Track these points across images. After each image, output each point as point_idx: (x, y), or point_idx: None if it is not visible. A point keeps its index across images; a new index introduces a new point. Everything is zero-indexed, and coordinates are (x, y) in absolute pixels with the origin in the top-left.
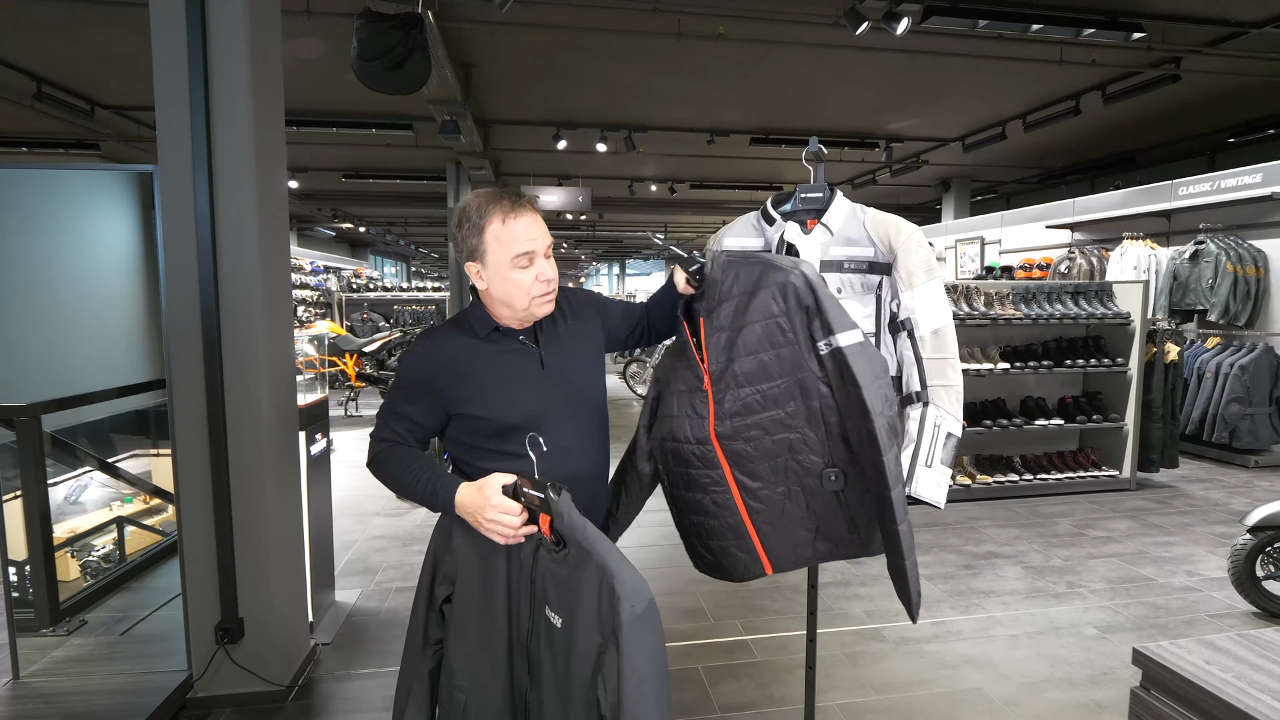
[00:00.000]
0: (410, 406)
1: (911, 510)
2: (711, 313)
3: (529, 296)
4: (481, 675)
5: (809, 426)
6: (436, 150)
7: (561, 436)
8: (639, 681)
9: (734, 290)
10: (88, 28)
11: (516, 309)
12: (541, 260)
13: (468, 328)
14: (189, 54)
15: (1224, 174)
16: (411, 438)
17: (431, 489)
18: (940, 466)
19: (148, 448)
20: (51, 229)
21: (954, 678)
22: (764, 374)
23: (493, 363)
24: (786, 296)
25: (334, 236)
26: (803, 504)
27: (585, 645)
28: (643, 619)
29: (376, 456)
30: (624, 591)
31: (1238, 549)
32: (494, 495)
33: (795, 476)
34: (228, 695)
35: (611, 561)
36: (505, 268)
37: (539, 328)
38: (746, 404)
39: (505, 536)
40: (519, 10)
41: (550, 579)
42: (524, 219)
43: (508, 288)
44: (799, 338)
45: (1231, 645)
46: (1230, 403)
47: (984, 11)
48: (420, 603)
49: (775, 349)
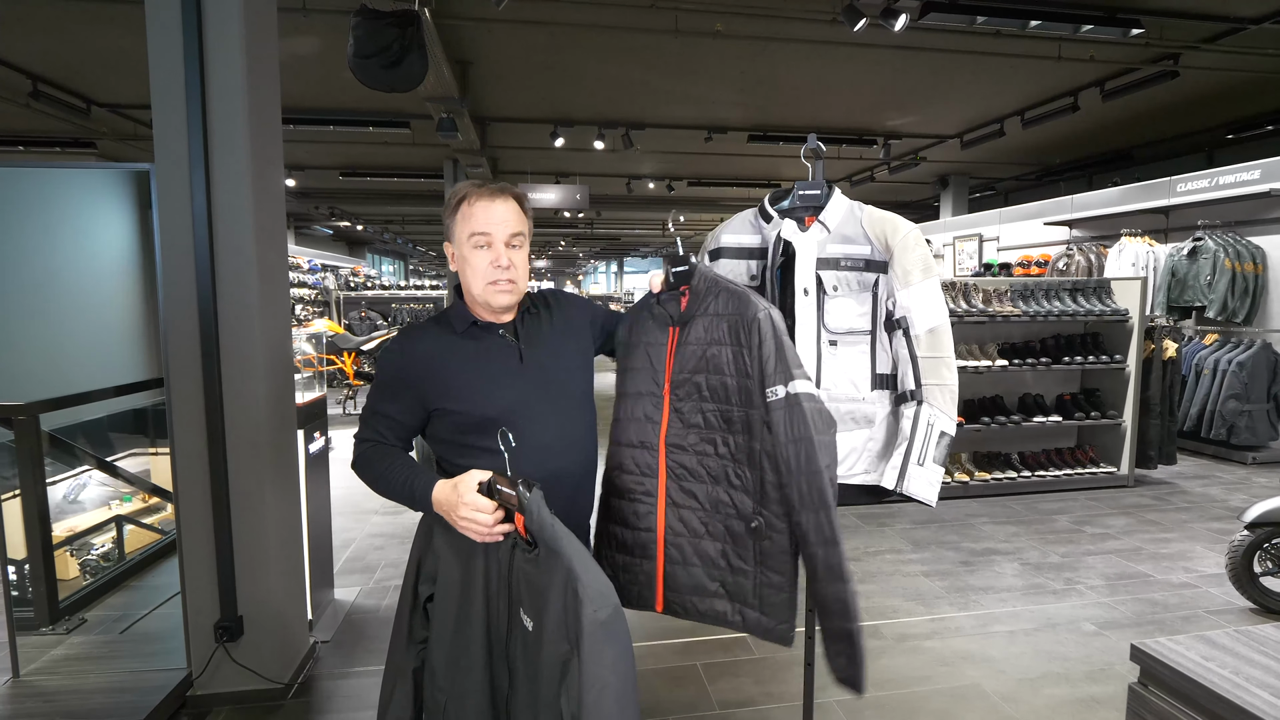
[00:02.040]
0: (389, 404)
1: (911, 507)
2: (687, 324)
3: (483, 280)
4: (461, 676)
5: (748, 465)
6: (434, 148)
7: (541, 432)
8: (600, 690)
9: (712, 309)
10: (83, 26)
11: (474, 293)
12: (501, 247)
13: (446, 324)
14: (185, 52)
15: (1222, 170)
16: (393, 436)
17: (409, 488)
18: (932, 465)
19: (146, 446)
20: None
21: (952, 674)
22: (725, 395)
23: (469, 357)
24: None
25: (331, 235)
26: (719, 547)
27: (553, 651)
28: (606, 625)
29: (359, 457)
30: (587, 595)
31: (1235, 545)
32: (467, 493)
33: (724, 513)
34: (227, 693)
35: (578, 564)
36: (464, 246)
37: (520, 322)
38: (707, 419)
39: (480, 534)
40: (516, 7)
41: (524, 580)
42: (486, 203)
43: (464, 268)
44: (754, 377)
45: (1229, 641)
46: (1228, 399)
47: (982, 8)
48: (405, 601)
49: (739, 377)
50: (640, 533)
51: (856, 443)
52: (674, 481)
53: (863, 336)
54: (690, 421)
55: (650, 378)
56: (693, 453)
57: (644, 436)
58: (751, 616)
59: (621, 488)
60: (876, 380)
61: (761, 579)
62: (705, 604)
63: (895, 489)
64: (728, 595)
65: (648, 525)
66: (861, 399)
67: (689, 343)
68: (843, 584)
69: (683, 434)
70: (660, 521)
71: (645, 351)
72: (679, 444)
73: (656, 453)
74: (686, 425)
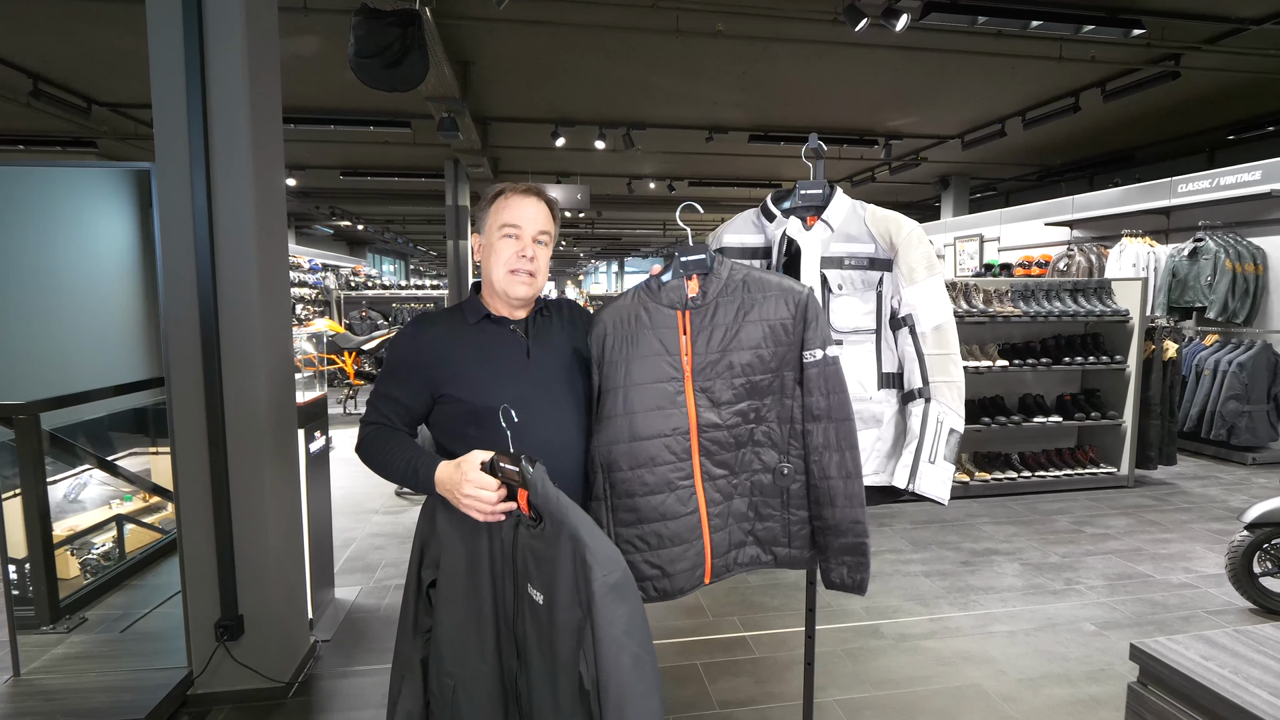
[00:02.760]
0: (396, 388)
1: (912, 507)
2: (705, 307)
3: (505, 268)
4: (469, 659)
5: (777, 421)
6: (434, 148)
7: (540, 429)
8: (616, 651)
9: (741, 290)
10: (84, 25)
11: (494, 280)
12: (529, 240)
13: (459, 314)
14: (186, 51)
15: (1223, 171)
16: (399, 420)
17: (413, 468)
18: (943, 462)
19: (146, 446)
20: (49, 227)
21: (952, 674)
22: (759, 366)
23: (478, 347)
24: (797, 305)
25: (332, 234)
26: (748, 500)
27: (566, 620)
28: (616, 588)
29: (364, 440)
30: (596, 561)
31: (1235, 545)
32: (470, 470)
33: (750, 470)
34: (228, 692)
35: (584, 532)
36: (493, 235)
37: (532, 321)
38: (737, 391)
39: (484, 513)
40: (517, 7)
41: (530, 555)
42: (521, 199)
43: (490, 255)
44: (795, 341)
45: (1228, 641)
46: (1228, 400)
47: (983, 8)
48: (410, 589)
49: (775, 346)
50: (685, 518)
51: (865, 442)
52: (706, 458)
53: (868, 335)
54: (721, 399)
55: (666, 363)
56: (724, 428)
57: (673, 423)
58: (782, 553)
59: (658, 482)
60: (883, 379)
61: (789, 517)
62: (741, 554)
63: (907, 488)
64: (757, 541)
65: (692, 508)
66: (869, 398)
67: (714, 324)
68: (860, 508)
69: (713, 411)
70: (701, 499)
71: (656, 337)
72: (711, 422)
73: (688, 436)
74: (716, 403)
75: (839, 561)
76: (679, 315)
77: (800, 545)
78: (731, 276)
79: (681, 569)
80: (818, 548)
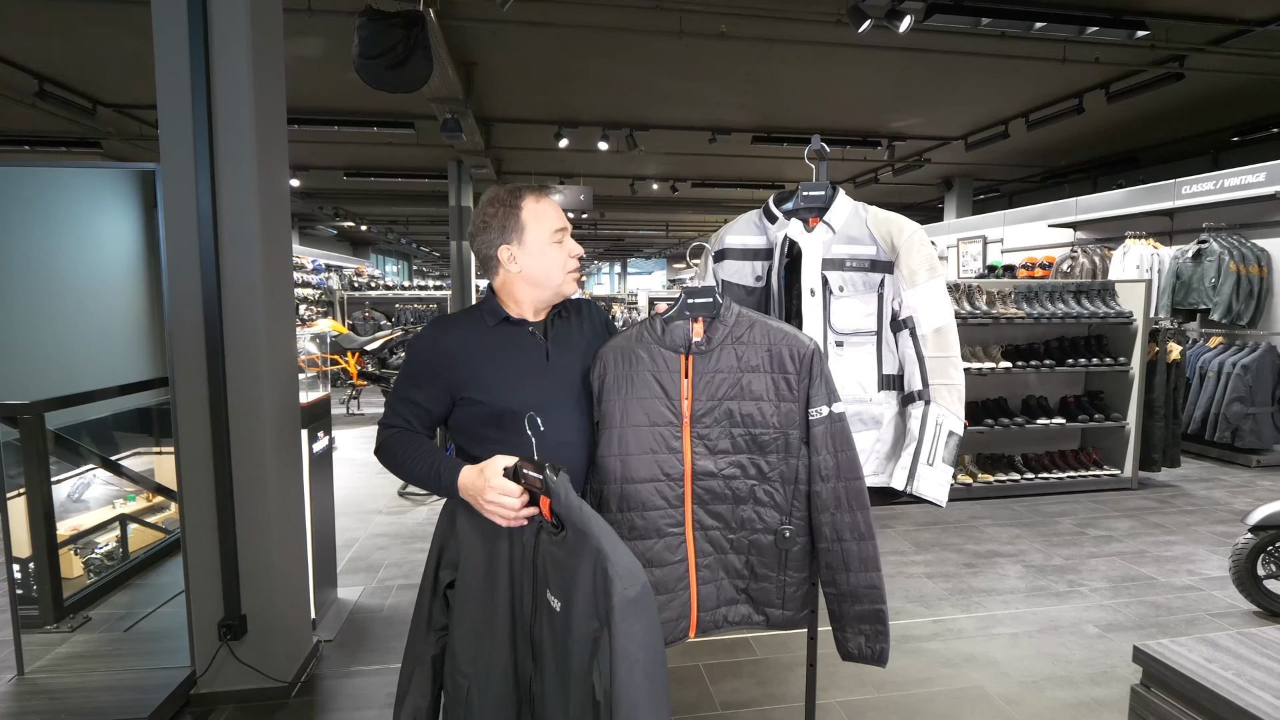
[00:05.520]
0: (417, 390)
1: (914, 509)
2: (709, 352)
3: (563, 271)
4: (484, 660)
5: (780, 481)
6: (438, 149)
7: (561, 431)
8: (631, 665)
9: (746, 338)
10: (90, 26)
11: (551, 284)
12: (569, 239)
13: (477, 317)
14: (191, 52)
15: (1227, 173)
16: (418, 423)
17: (435, 472)
18: (942, 465)
19: (150, 446)
20: (54, 227)
21: (955, 676)
22: (761, 419)
23: (498, 349)
24: (803, 359)
25: (336, 235)
26: (744, 559)
27: (582, 629)
28: (635, 603)
29: (384, 443)
30: (617, 574)
31: (1239, 548)
32: (494, 477)
33: (750, 528)
34: (231, 691)
35: (606, 544)
36: (545, 242)
37: (550, 323)
38: (735, 442)
39: (506, 519)
40: (521, 8)
41: (550, 562)
42: (551, 200)
43: (546, 263)
44: (801, 397)
45: (1232, 643)
46: (1232, 402)
47: (987, 9)
48: (425, 587)
49: (779, 401)
50: (672, 566)
51: (865, 444)
52: (700, 506)
53: (869, 337)
54: (718, 447)
55: (665, 406)
56: (720, 477)
57: (666, 468)
58: (775, 614)
59: (648, 527)
60: (883, 381)
61: (784, 579)
62: (733, 612)
63: (905, 489)
64: (750, 600)
65: (680, 556)
66: (869, 400)
67: (717, 370)
68: (876, 572)
69: (709, 459)
70: (690, 549)
71: (655, 379)
72: (707, 470)
73: (682, 483)
74: (713, 451)
75: (856, 630)
76: (682, 359)
77: (794, 607)
78: (738, 322)
79: (665, 618)
80: (831, 616)
